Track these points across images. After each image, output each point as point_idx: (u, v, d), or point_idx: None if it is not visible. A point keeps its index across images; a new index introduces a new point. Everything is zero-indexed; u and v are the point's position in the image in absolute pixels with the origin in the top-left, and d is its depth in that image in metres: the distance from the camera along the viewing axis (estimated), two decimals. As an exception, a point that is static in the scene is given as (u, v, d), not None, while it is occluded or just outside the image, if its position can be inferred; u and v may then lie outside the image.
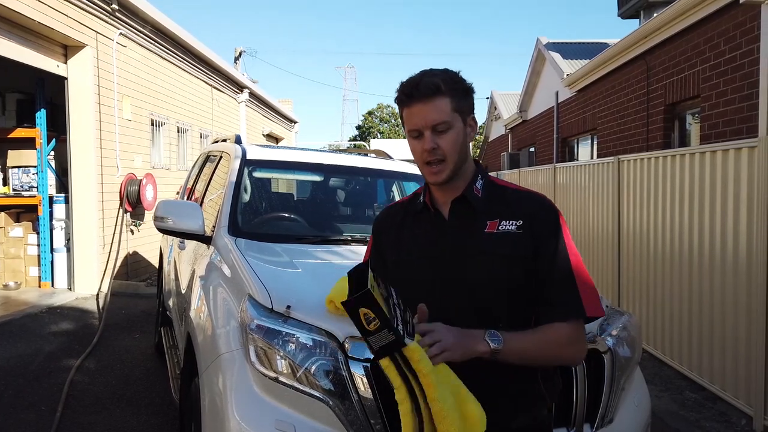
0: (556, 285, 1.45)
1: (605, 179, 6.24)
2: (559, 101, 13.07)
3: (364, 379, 1.88)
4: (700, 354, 4.46)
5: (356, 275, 1.28)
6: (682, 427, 3.88)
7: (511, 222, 1.49)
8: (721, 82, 6.71)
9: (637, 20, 11.75)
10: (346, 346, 1.93)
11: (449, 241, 1.52)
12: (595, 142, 11.29)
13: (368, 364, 1.90)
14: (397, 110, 1.54)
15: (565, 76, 11.96)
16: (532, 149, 16.17)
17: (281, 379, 1.93)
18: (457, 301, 1.48)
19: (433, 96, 1.44)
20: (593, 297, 1.45)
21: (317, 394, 1.89)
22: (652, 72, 8.52)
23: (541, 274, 1.46)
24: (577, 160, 12.32)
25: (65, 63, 7.16)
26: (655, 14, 8.32)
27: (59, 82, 7.22)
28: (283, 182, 4.82)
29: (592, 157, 11.36)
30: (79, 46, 7.14)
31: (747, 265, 3.91)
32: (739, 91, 6.38)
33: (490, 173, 1.63)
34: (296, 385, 1.91)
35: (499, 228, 1.49)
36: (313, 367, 1.91)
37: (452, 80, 1.48)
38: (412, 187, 4.27)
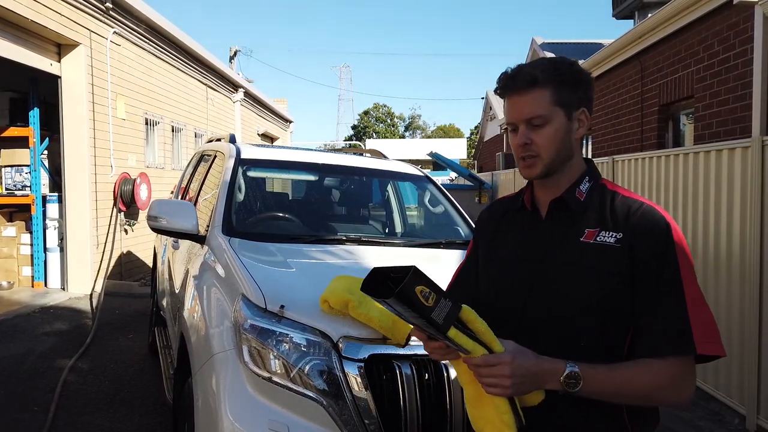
0: (659, 313, 1.25)
1: (600, 179, 6.25)
2: (554, 101, 13.10)
3: (358, 379, 1.88)
4: (693, 353, 4.47)
5: (373, 273, 1.21)
6: (677, 427, 3.90)
7: (610, 233, 1.31)
8: (715, 83, 6.74)
9: (632, 21, 11.80)
10: (340, 346, 1.93)
11: (542, 244, 1.40)
12: (590, 142, 11.32)
13: (362, 364, 1.90)
14: (392, 110, 1.50)
15: (559, 76, 11.98)
16: (527, 149, 16.15)
17: (275, 379, 1.92)
18: (539, 311, 1.35)
19: (530, 88, 1.33)
20: (710, 331, 1.23)
21: (311, 394, 1.89)
22: (647, 72, 8.55)
23: (641, 299, 1.27)
24: (572, 160, 12.34)
25: (59, 62, 7.12)
26: (649, 15, 8.35)
27: (52, 80, 7.18)
28: (279, 182, 4.81)
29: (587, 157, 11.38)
30: (72, 45, 7.10)
31: (740, 265, 3.92)
32: (732, 91, 6.40)
33: (604, 179, 1.44)
34: (290, 385, 1.91)
35: (597, 238, 1.31)
36: (307, 367, 1.91)
37: (556, 70, 1.34)
38: (407, 187, 4.28)
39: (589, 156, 11.15)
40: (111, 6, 7.47)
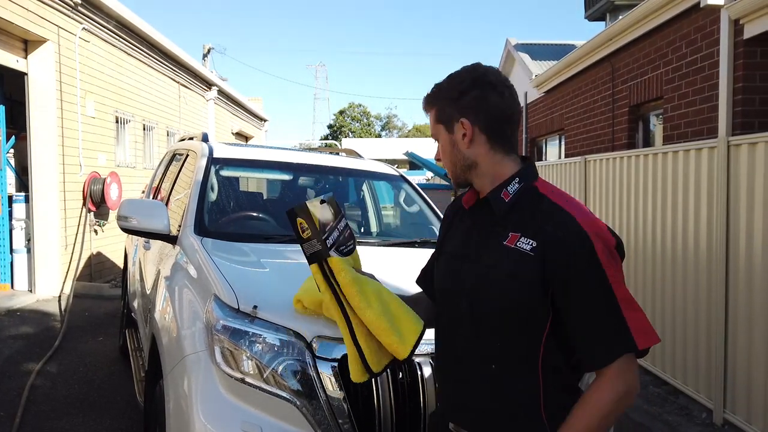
0: (595, 323, 1.26)
1: (573, 179, 6.35)
2: (528, 102, 13.25)
3: (332, 379, 1.88)
4: (663, 350, 4.57)
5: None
6: (646, 421, 3.97)
7: (528, 241, 1.30)
8: (683, 84, 6.89)
9: (604, 23, 11.99)
10: (314, 346, 1.92)
11: (470, 244, 1.43)
12: (563, 143, 11.48)
13: (336, 364, 1.89)
14: (368, 109, 1.55)
15: (533, 77, 12.12)
16: (501, 149, 16.29)
17: (248, 380, 1.90)
18: (466, 306, 1.40)
19: (426, 112, 1.49)
20: (644, 325, 1.26)
21: (284, 394, 1.88)
22: (617, 74, 8.70)
23: (568, 312, 1.28)
24: (546, 160, 12.51)
25: (25, 58, 6.94)
26: (620, 17, 8.49)
27: (19, 77, 7.00)
28: (253, 181, 4.77)
29: (560, 157, 11.55)
30: (39, 41, 6.93)
31: (707, 262, 4.02)
32: (699, 93, 6.56)
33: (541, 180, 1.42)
34: (263, 385, 1.89)
35: (517, 243, 1.31)
36: (281, 368, 1.90)
37: (440, 90, 1.44)
38: (382, 186, 4.28)
39: (563, 156, 11.30)
40: (80, 2, 7.31)
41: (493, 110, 1.38)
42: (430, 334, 1.59)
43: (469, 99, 1.38)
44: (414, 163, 13.74)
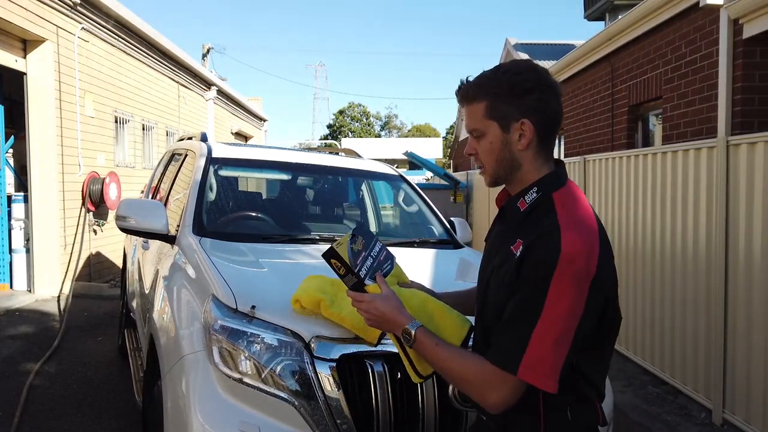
0: (508, 331, 1.26)
1: (572, 178, 6.33)
2: (527, 101, 13.25)
3: (331, 379, 1.87)
4: (662, 349, 4.57)
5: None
6: (645, 421, 3.97)
7: (520, 249, 1.29)
8: (682, 84, 6.89)
9: (603, 22, 11.99)
10: (312, 346, 1.92)
11: (495, 244, 1.44)
12: (562, 142, 11.48)
13: (334, 364, 1.89)
14: (368, 109, 1.52)
15: (532, 76, 12.11)
16: (501, 149, 16.29)
17: (246, 380, 1.90)
18: (479, 306, 1.44)
19: (468, 102, 1.38)
20: (542, 366, 1.21)
21: (282, 394, 1.87)
22: (617, 73, 8.70)
23: (507, 311, 1.28)
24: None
25: (24, 58, 6.94)
26: (619, 17, 8.49)
27: (18, 77, 6.99)
28: (253, 181, 4.77)
29: (559, 157, 11.55)
30: (38, 41, 6.92)
31: (706, 262, 4.01)
32: (699, 92, 6.56)
33: (555, 191, 1.35)
34: (261, 386, 1.89)
35: (518, 251, 1.30)
36: (279, 368, 1.89)
37: (495, 81, 1.34)
38: (381, 186, 4.27)
39: (563, 156, 11.31)
40: (79, 1, 7.31)
41: (553, 115, 1.35)
42: None
43: (533, 99, 1.32)
44: (414, 162, 13.72)
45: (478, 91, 1.36)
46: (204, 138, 3.81)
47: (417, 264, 2.73)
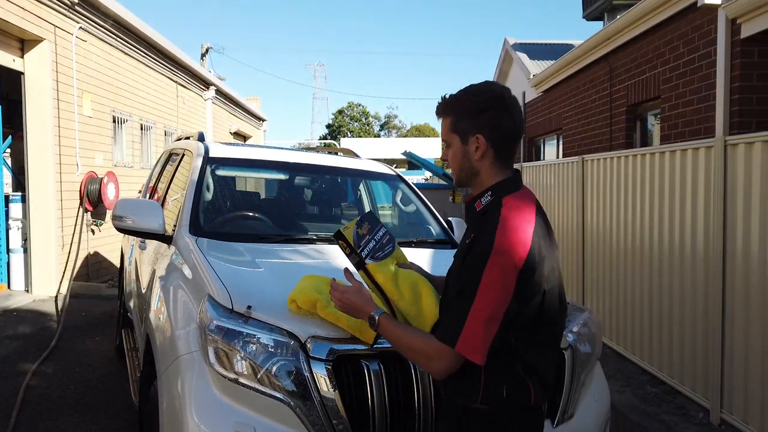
0: (452, 311, 1.48)
1: (570, 178, 6.35)
2: (526, 101, 13.24)
3: (326, 379, 1.87)
4: (660, 349, 4.56)
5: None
6: (643, 421, 3.97)
7: (468, 242, 1.56)
8: (681, 84, 6.89)
9: (602, 22, 11.99)
10: (308, 346, 1.91)
11: (461, 241, 1.70)
12: (560, 142, 11.48)
13: (330, 364, 1.88)
14: (367, 109, 1.61)
15: (531, 76, 12.12)
16: (499, 149, 16.26)
17: (241, 380, 1.90)
18: (443, 294, 1.67)
19: (440, 117, 1.66)
20: (474, 341, 1.43)
21: (278, 395, 1.87)
22: (615, 73, 8.70)
23: (452, 293, 1.53)
24: (543, 159, 12.51)
25: (22, 57, 6.92)
26: (618, 16, 8.48)
27: (15, 77, 6.98)
28: (250, 181, 4.76)
29: (557, 157, 11.55)
30: (36, 40, 6.91)
31: (704, 262, 4.01)
32: (697, 92, 6.56)
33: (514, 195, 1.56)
34: (257, 386, 1.88)
35: (466, 242, 1.58)
36: (275, 368, 1.89)
37: (457, 102, 1.60)
38: (380, 187, 4.27)
39: (561, 156, 11.30)
40: (77, 1, 7.29)
41: (506, 130, 1.58)
42: None
43: (487, 118, 1.56)
44: (412, 162, 13.71)
45: (447, 108, 1.64)
46: (201, 137, 3.81)
47: (415, 263, 2.72)
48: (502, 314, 1.43)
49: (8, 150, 7.38)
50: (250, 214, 3.39)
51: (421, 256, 2.98)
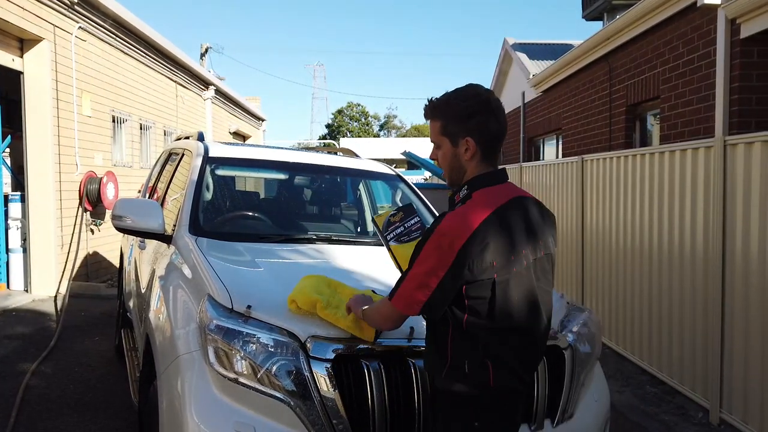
0: (401, 276, 1.71)
1: (569, 178, 6.35)
2: (525, 101, 13.25)
3: (326, 379, 1.87)
4: (659, 349, 4.57)
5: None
6: (642, 421, 3.97)
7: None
8: (680, 84, 6.89)
9: (601, 22, 11.99)
10: (308, 346, 1.91)
11: None
12: (560, 142, 11.48)
13: (330, 364, 1.88)
14: (366, 109, 1.65)
15: (531, 76, 12.12)
16: (499, 148, 16.28)
17: (241, 380, 1.90)
18: None
19: (429, 119, 1.77)
20: (405, 298, 1.66)
21: (278, 394, 1.87)
22: (615, 73, 8.70)
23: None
24: (543, 159, 12.51)
25: (21, 57, 6.92)
26: (617, 16, 8.49)
27: (15, 76, 6.97)
28: (250, 181, 4.76)
29: (557, 157, 11.55)
30: (35, 40, 6.90)
31: (704, 262, 4.01)
32: (696, 92, 6.56)
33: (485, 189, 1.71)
34: (257, 386, 1.88)
35: None
36: (274, 368, 1.89)
37: (446, 106, 1.72)
38: (379, 186, 4.27)
39: (560, 155, 11.30)
40: (76, 0, 7.29)
41: (492, 133, 1.71)
42: None
43: (475, 122, 1.69)
44: (412, 162, 13.72)
45: (436, 112, 1.75)
46: (201, 137, 3.80)
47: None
48: (435, 283, 1.60)
49: (7, 150, 7.38)
50: (250, 213, 3.39)
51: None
